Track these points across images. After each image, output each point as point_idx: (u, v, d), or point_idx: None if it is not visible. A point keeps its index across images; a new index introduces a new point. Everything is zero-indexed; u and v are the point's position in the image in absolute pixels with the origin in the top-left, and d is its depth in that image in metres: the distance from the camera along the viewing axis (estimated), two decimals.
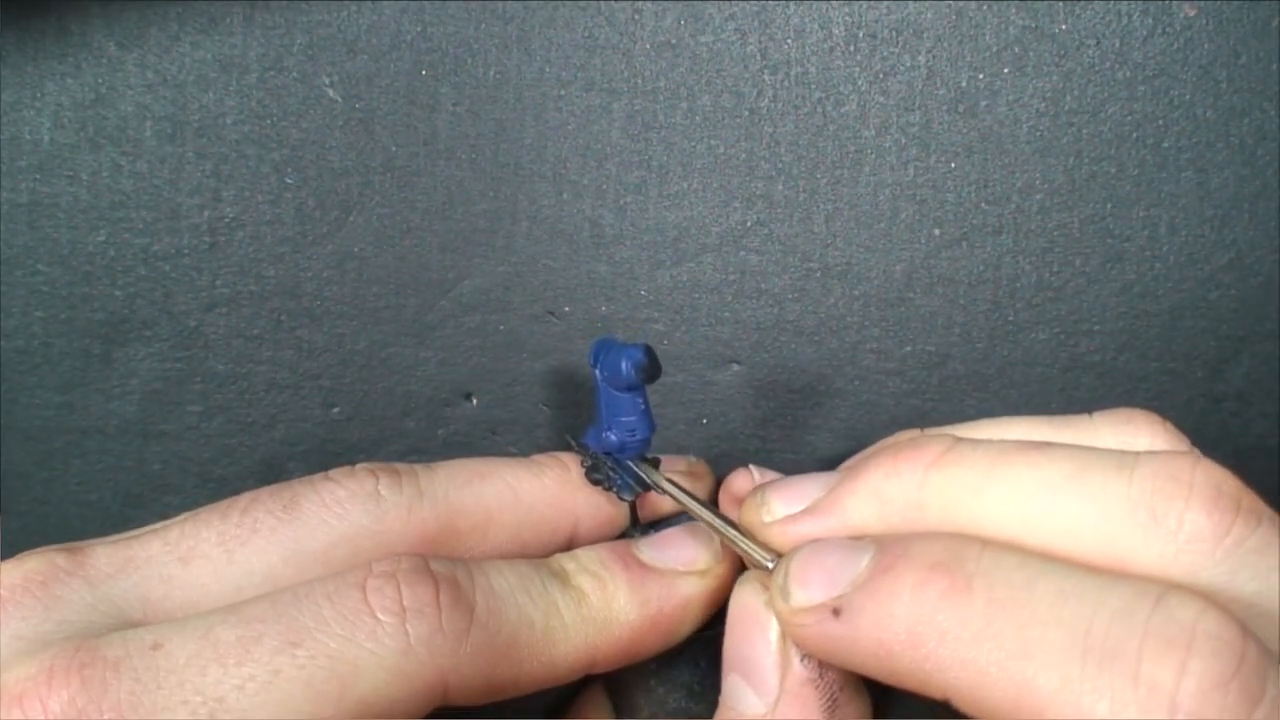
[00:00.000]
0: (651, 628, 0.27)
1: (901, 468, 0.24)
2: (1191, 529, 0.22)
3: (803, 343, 0.35)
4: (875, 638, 0.22)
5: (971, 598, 0.21)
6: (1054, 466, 0.23)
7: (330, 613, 0.23)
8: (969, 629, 0.21)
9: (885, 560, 0.23)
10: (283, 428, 0.36)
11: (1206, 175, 0.34)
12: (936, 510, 0.24)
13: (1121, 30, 0.34)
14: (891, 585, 0.22)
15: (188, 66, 0.34)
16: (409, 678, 0.23)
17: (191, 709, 0.22)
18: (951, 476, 0.24)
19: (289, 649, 0.23)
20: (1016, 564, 0.22)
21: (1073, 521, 0.22)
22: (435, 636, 0.24)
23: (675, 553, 0.28)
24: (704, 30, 0.34)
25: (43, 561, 0.25)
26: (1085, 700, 0.19)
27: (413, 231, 0.35)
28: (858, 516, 0.25)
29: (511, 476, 0.30)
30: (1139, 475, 0.22)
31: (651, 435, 0.29)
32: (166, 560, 0.26)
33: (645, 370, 0.28)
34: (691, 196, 0.35)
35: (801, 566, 0.24)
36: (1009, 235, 0.35)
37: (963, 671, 0.21)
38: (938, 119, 0.34)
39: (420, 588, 0.24)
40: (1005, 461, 0.24)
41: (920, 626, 0.21)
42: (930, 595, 0.21)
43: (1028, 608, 0.21)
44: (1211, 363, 0.35)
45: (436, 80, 0.35)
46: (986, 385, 0.35)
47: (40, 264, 0.35)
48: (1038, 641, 0.20)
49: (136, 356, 0.35)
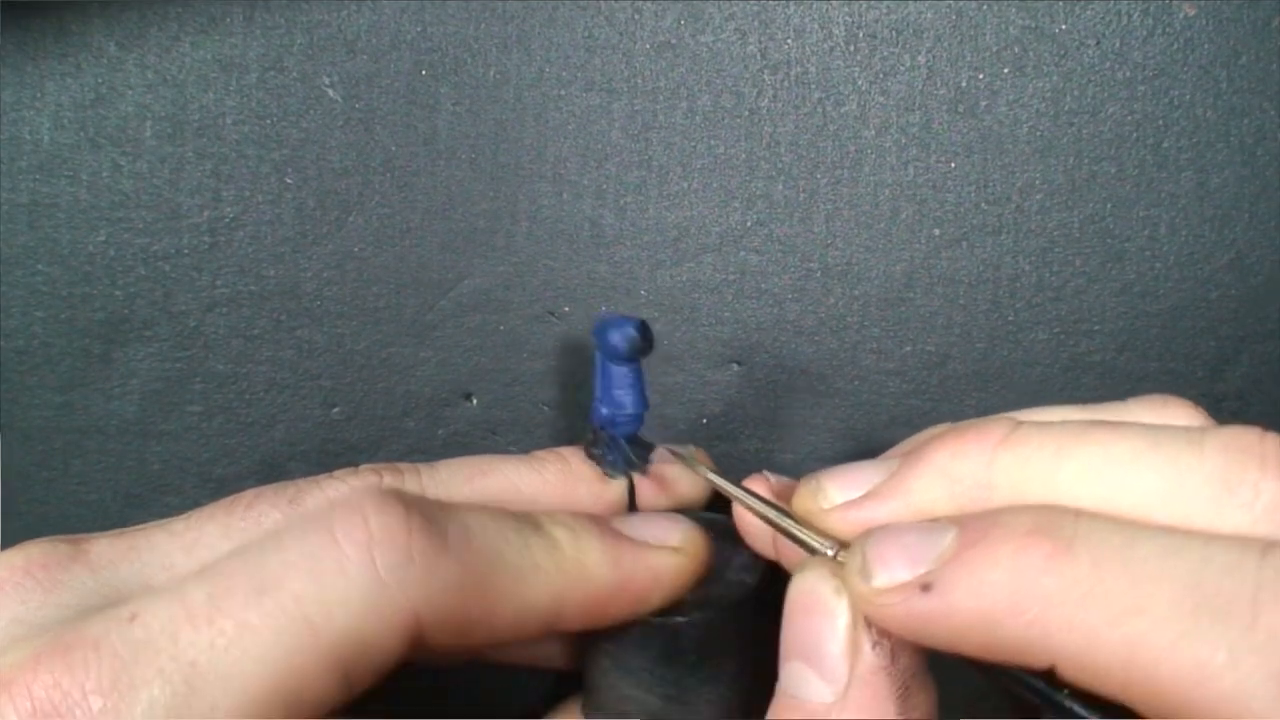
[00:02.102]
0: (620, 589, 0.26)
1: (969, 448, 0.24)
2: (1268, 498, 0.21)
3: (803, 343, 0.35)
4: (973, 608, 0.21)
5: (1075, 560, 0.21)
6: (1125, 444, 0.23)
7: (296, 554, 0.23)
8: (1076, 590, 0.21)
9: (973, 534, 0.22)
10: (283, 428, 0.36)
11: (1206, 175, 0.34)
12: (1007, 490, 0.23)
13: (1121, 30, 0.34)
14: (987, 554, 0.22)
15: (188, 66, 0.34)
16: (382, 611, 0.23)
17: (166, 678, 0.21)
18: (1021, 456, 0.23)
19: (256, 598, 0.22)
20: (1115, 527, 0.21)
21: (1147, 496, 0.22)
22: (406, 565, 0.23)
23: (648, 528, 0.27)
24: (704, 30, 0.34)
25: (45, 548, 0.25)
26: (1203, 652, 0.19)
27: (413, 231, 0.35)
28: (925, 498, 0.24)
29: (513, 473, 0.30)
30: (1210, 448, 0.22)
31: (642, 413, 0.29)
32: (170, 549, 0.26)
33: (635, 343, 0.28)
34: (691, 196, 0.35)
35: (879, 546, 0.23)
36: (1009, 235, 0.35)
37: (1071, 634, 0.20)
38: (938, 119, 0.34)
39: (388, 515, 0.24)
40: (1075, 440, 0.23)
41: (1023, 592, 0.21)
42: (1032, 559, 0.21)
43: (1134, 566, 0.20)
44: (1211, 363, 0.35)
45: (436, 80, 0.35)
46: (986, 385, 0.35)
47: (40, 264, 0.35)
48: (1149, 598, 0.20)
49: (136, 356, 0.35)
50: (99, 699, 0.21)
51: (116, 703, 0.21)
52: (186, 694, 0.21)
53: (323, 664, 0.22)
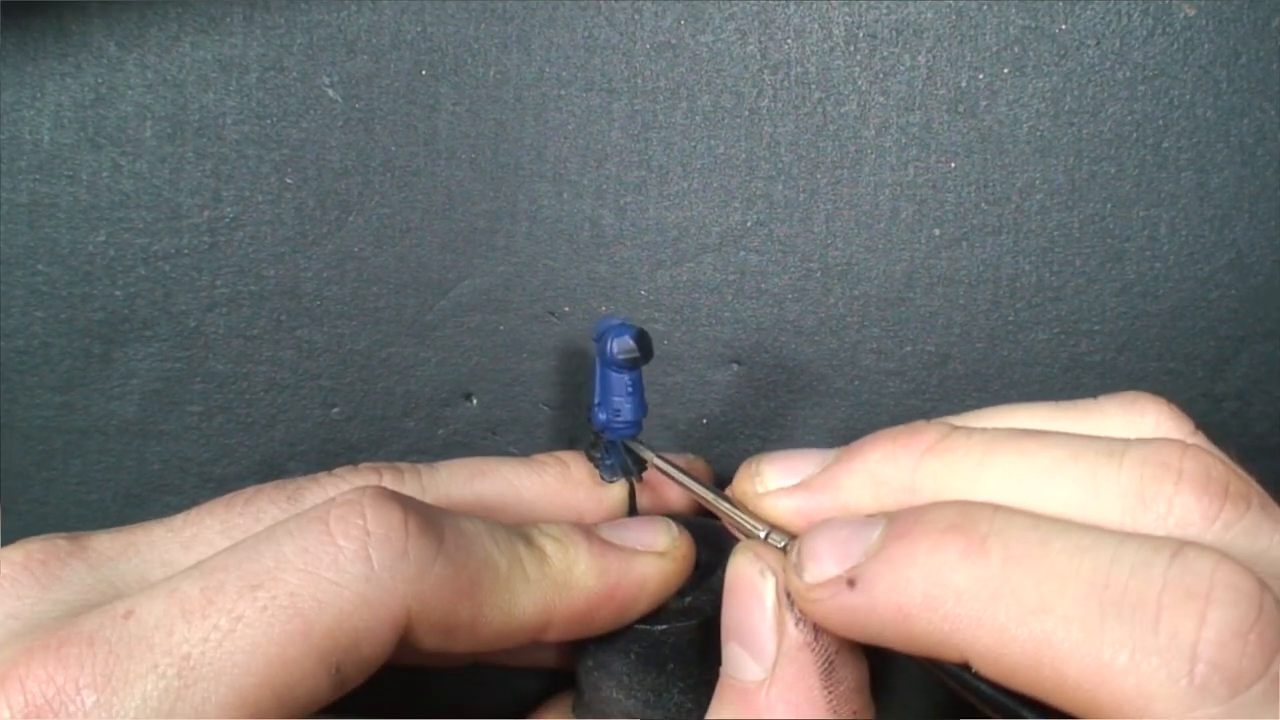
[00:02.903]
0: (608, 598, 0.27)
1: (898, 452, 0.25)
2: (1181, 513, 0.22)
3: (803, 343, 0.35)
4: (892, 603, 0.22)
5: (987, 556, 0.21)
6: (1045, 453, 0.23)
7: (291, 549, 0.23)
8: (986, 587, 0.21)
9: (898, 529, 0.23)
10: (283, 428, 0.36)
11: (1206, 175, 0.34)
12: (929, 495, 0.24)
13: (1121, 30, 0.34)
14: (906, 550, 0.22)
15: (188, 66, 0.34)
16: (374, 606, 0.23)
17: (160, 673, 0.22)
18: (946, 463, 0.24)
19: (250, 593, 0.22)
20: (1030, 524, 0.22)
21: (1064, 506, 0.23)
22: (400, 562, 0.23)
23: (635, 534, 0.28)
24: (704, 30, 0.34)
25: (44, 544, 0.26)
26: (1106, 652, 0.19)
27: (413, 231, 0.35)
28: (852, 496, 0.25)
29: (512, 475, 0.30)
30: (1129, 461, 0.23)
31: (639, 419, 0.29)
32: (169, 545, 0.26)
33: (631, 352, 0.28)
34: (691, 196, 0.35)
35: (813, 542, 0.24)
36: (1009, 235, 0.35)
37: (981, 631, 0.21)
38: (938, 119, 0.34)
39: (386, 513, 0.24)
40: (998, 448, 0.24)
41: (937, 589, 0.21)
42: (946, 556, 0.21)
43: (1044, 563, 0.21)
44: (1211, 363, 0.35)
45: (436, 80, 0.35)
46: (986, 385, 0.35)
47: (40, 264, 0.35)
48: (1056, 596, 0.20)
49: (136, 356, 0.35)
50: (92, 694, 0.21)
51: (110, 698, 0.21)
52: (180, 689, 0.22)
53: (315, 659, 0.22)
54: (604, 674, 0.28)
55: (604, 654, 0.28)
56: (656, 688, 0.27)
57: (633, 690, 0.27)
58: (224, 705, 0.22)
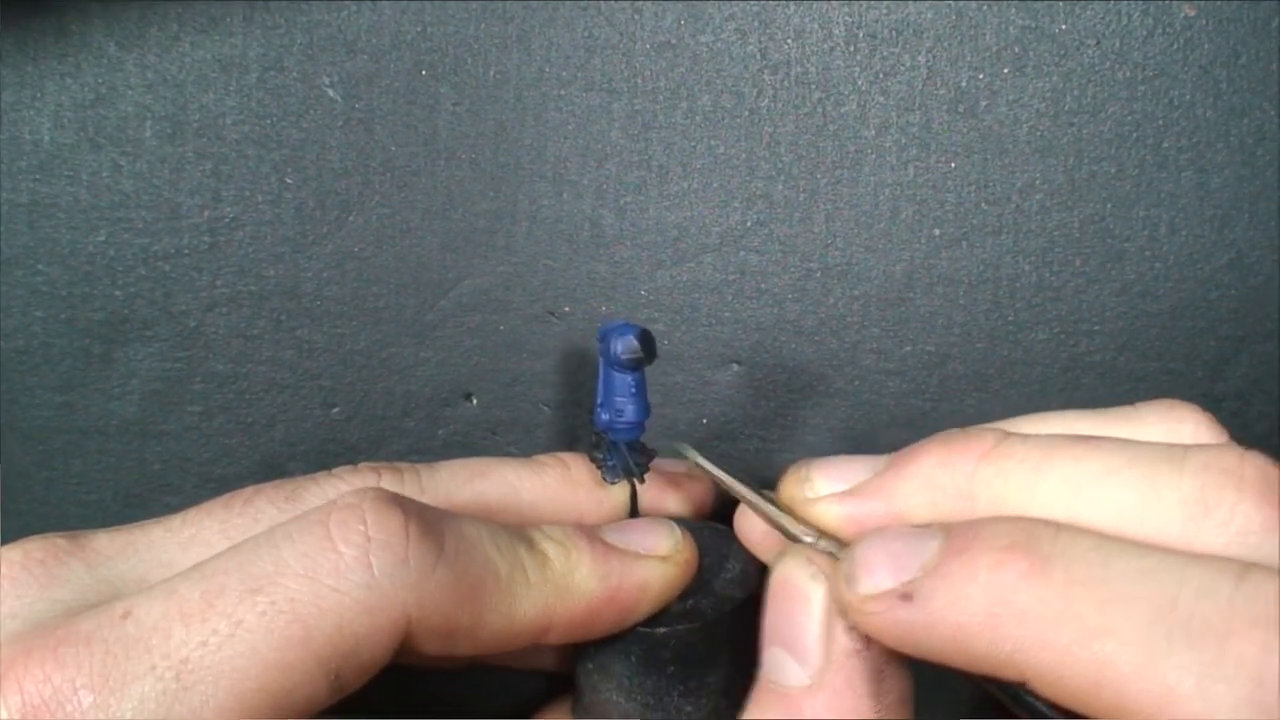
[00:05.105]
0: (609, 602, 0.26)
1: (953, 458, 0.24)
2: (1242, 521, 0.21)
3: (803, 343, 0.35)
4: (951, 621, 0.22)
5: (1050, 577, 0.21)
6: (1104, 460, 0.23)
7: (290, 553, 0.23)
8: (1049, 608, 0.21)
9: (957, 544, 0.22)
10: (283, 428, 0.36)
11: (1206, 175, 0.34)
12: (986, 502, 0.24)
13: (1121, 30, 0.34)
14: (966, 567, 0.22)
15: (188, 66, 0.34)
16: (374, 613, 0.23)
17: (158, 675, 0.22)
18: (1002, 469, 0.24)
19: (250, 597, 0.22)
20: (1093, 544, 0.21)
21: (1123, 514, 0.22)
22: (401, 568, 0.23)
23: (638, 537, 0.28)
24: (704, 30, 0.34)
25: (43, 543, 0.25)
26: (1171, 676, 0.19)
27: (413, 231, 0.35)
28: (907, 502, 0.25)
29: (513, 475, 0.30)
30: (1189, 468, 0.22)
31: (642, 421, 0.29)
32: (167, 545, 0.26)
33: (635, 353, 0.28)
34: (691, 196, 0.35)
35: (866, 552, 0.24)
36: (1009, 235, 0.35)
37: (1043, 652, 0.21)
38: (938, 119, 0.34)
39: (388, 518, 0.24)
40: (1055, 454, 0.23)
41: (998, 608, 0.21)
42: (1008, 576, 0.21)
43: (1108, 585, 0.20)
44: (1211, 363, 0.35)
45: (436, 80, 0.35)
46: (986, 385, 0.35)
47: (40, 264, 0.35)
48: (1121, 618, 0.20)
49: (136, 356, 0.35)
50: (89, 694, 0.21)
51: (107, 698, 0.21)
52: (177, 691, 0.21)
53: (314, 664, 0.22)
54: (603, 676, 0.28)
55: (604, 656, 0.28)
56: (656, 690, 0.27)
57: (632, 693, 0.27)
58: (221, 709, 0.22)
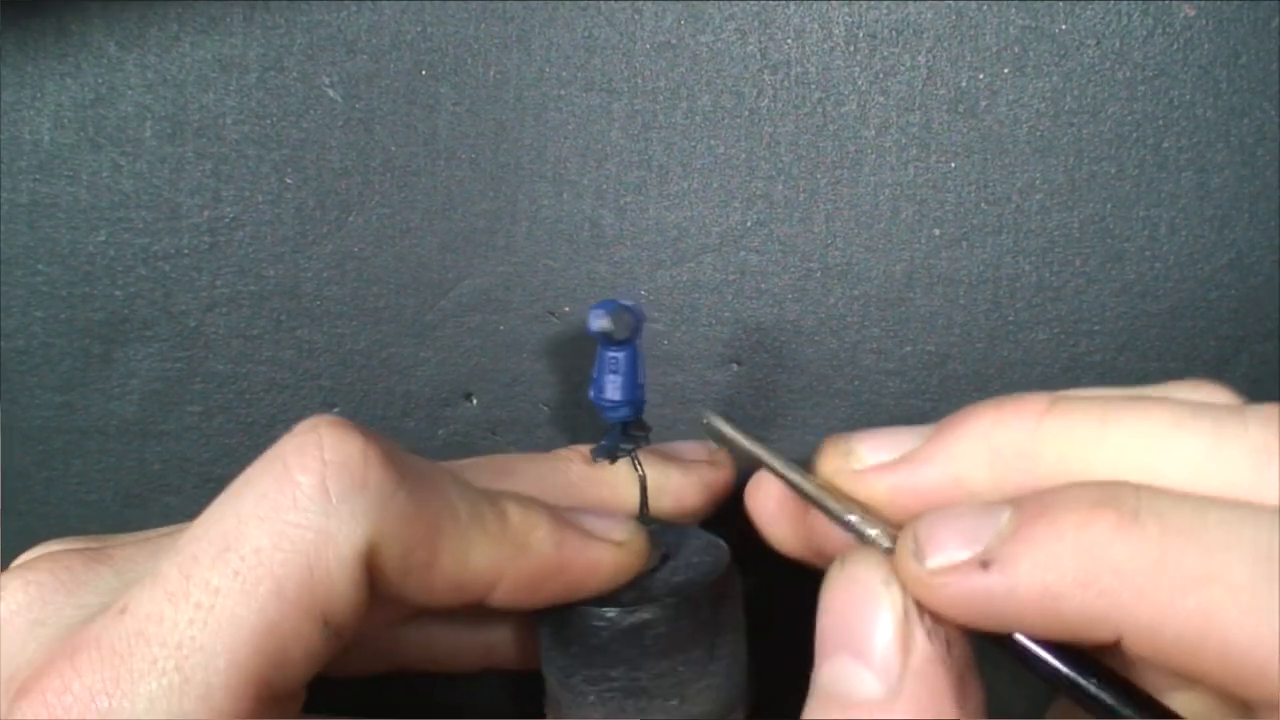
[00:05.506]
0: (558, 571, 0.26)
1: (1010, 418, 0.23)
2: None
3: (803, 343, 0.35)
4: (1037, 583, 0.21)
5: (1143, 528, 0.20)
6: (1169, 414, 0.22)
7: (251, 499, 0.23)
8: (1147, 558, 0.20)
9: (1033, 509, 0.21)
10: (283, 428, 0.36)
11: (1206, 175, 0.34)
12: (1051, 460, 0.23)
13: (1121, 30, 0.34)
14: (1049, 527, 0.21)
15: (188, 66, 0.34)
16: (337, 541, 0.22)
17: (160, 669, 0.21)
18: (1065, 424, 0.23)
19: (221, 559, 0.22)
20: (1179, 498, 0.21)
21: (1192, 464, 0.22)
22: (360, 492, 0.23)
23: (595, 520, 0.27)
24: (704, 30, 0.34)
25: (69, 547, 0.25)
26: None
27: (413, 231, 0.35)
28: (963, 466, 0.23)
29: (535, 474, 0.30)
30: (1252, 420, 0.22)
31: (628, 401, 0.29)
32: None
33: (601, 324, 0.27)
34: (691, 196, 0.35)
35: (931, 526, 0.22)
36: (1009, 235, 0.35)
37: (1141, 605, 0.20)
38: (938, 119, 0.34)
39: (344, 440, 0.23)
40: (1117, 409, 0.23)
41: (1091, 563, 0.20)
42: (1098, 530, 0.20)
43: (1204, 534, 0.20)
44: (1211, 363, 0.35)
45: (436, 80, 0.35)
46: (986, 385, 0.35)
47: (40, 264, 0.35)
48: (1223, 566, 0.19)
49: (136, 356, 0.35)
50: (105, 699, 0.21)
51: (120, 701, 0.21)
52: (181, 682, 0.21)
53: (298, 616, 0.22)
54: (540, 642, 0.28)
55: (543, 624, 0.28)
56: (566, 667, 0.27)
57: (548, 664, 0.28)
58: (228, 687, 0.22)
